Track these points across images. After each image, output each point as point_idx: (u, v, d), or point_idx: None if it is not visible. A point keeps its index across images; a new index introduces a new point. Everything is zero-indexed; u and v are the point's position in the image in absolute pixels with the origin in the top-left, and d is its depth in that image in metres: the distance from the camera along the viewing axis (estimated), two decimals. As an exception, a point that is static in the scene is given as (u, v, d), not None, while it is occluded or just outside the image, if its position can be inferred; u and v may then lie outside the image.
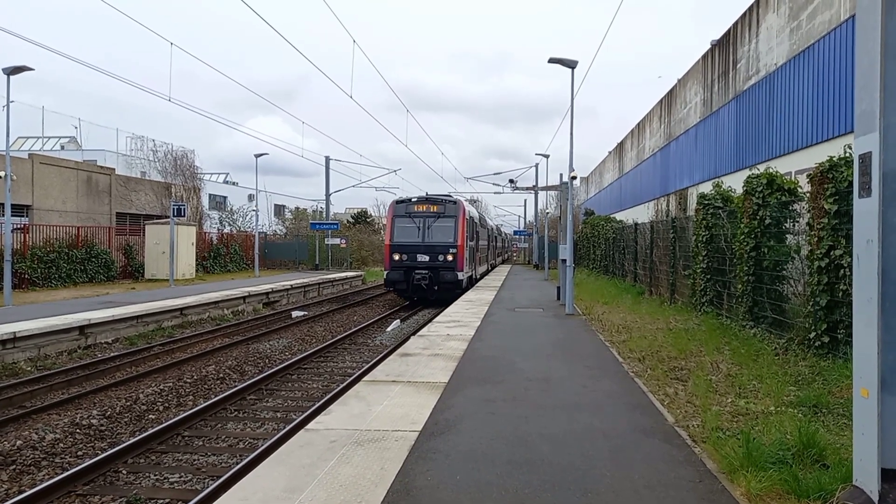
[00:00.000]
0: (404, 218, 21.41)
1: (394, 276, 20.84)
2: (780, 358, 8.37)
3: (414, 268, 20.61)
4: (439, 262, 20.66)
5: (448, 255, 20.71)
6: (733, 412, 6.07)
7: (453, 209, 21.49)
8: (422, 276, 20.42)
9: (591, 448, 5.01)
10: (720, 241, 12.57)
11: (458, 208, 21.58)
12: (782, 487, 4.11)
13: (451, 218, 21.25)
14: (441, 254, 20.76)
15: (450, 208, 21.52)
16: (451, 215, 21.28)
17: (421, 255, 20.78)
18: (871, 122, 3.61)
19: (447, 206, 21.60)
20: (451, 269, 20.66)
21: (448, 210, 21.45)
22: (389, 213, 22.12)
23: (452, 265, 20.69)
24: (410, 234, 21.11)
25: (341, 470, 4.49)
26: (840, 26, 13.82)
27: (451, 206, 21.64)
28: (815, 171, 8.31)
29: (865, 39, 3.67)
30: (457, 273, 20.73)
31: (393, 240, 21.23)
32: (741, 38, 20.19)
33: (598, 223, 33.13)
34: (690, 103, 26.07)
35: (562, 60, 14.94)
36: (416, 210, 21.41)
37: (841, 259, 7.67)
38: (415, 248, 20.82)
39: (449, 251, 20.75)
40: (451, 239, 20.94)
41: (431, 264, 20.64)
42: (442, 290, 20.68)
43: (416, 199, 21.89)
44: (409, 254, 20.79)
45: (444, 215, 21.27)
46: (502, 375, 7.79)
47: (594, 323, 13.05)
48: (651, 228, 19.42)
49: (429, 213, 21.31)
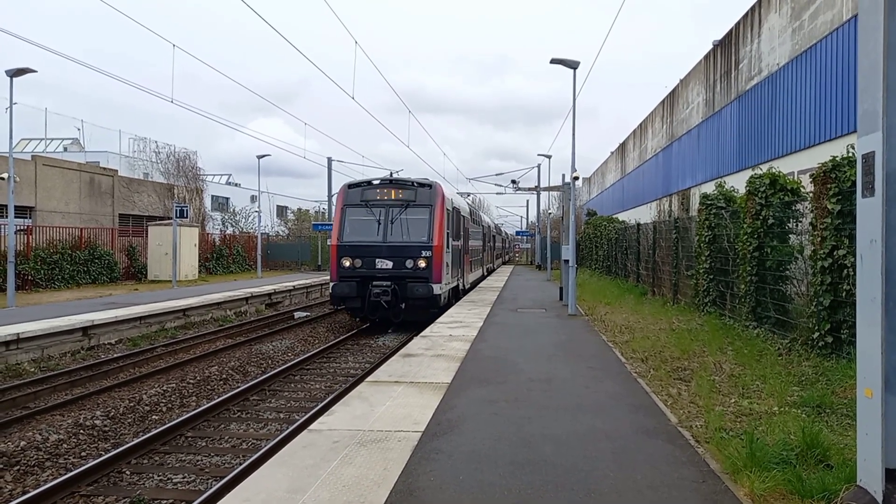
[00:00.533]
0: (359, 208, 15.77)
1: (343, 289, 15.11)
2: (783, 358, 8.36)
3: (371, 278, 15.05)
4: (407, 269, 15.16)
5: (419, 260, 15.14)
6: (737, 412, 6.06)
7: (427, 196, 15.83)
8: (382, 289, 14.79)
9: (593, 449, 5.00)
10: (723, 241, 12.56)
11: (433, 195, 15.90)
12: (786, 488, 4.10)
13: (425, 208, 15.65)
14: (410, 258, 15.20)
15: (423, 195, 15.84)
16: (425, 204, 15.67)
17: (381, 259, 15.20)
18: (873, 122, 3.61)
19: (419, 191, 15.88)
20: (423, 280, 15.13)
21: (420, 197, 15.81)
22: (338, 202, 16.22)
23: (425, 274, 15.13)
24: (367, 231, 15.54)
25: (344, 470, 4.50)
26: (842, 26, 13.80)
27: (425, 191, 15.89)
28: (817, 171, 8.30)
29: (867, 40, 3.67)
30: (431, 285, 15.11)
31: (342, 238, 15.55)
32: (743, 38, 20.17)
33: (600, 223, 33.11)
34: (693, 103, 26.04)
35: (563, 61, 14.94)
36: (376, 197, 15.79)
37: (844, 259, 7.65)
38: (373, 249, 15.27)
39: (420, 254, 15.17)
40: (423, 237, 15.39)
41: (396, 272, 15.13)
42: (411, 310, 15.37)
43: (375, 182, 16.19)
44: (365, 258, 15.24)
45: (414, 204, 15.69)
46: (505, 376, 7.79)
47: (597, 323, 13.04)
48: (654, 229, 19.40)
49: (393, 200, 15.72)
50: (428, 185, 16.08)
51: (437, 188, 16.09)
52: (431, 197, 15.89)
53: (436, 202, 15.81)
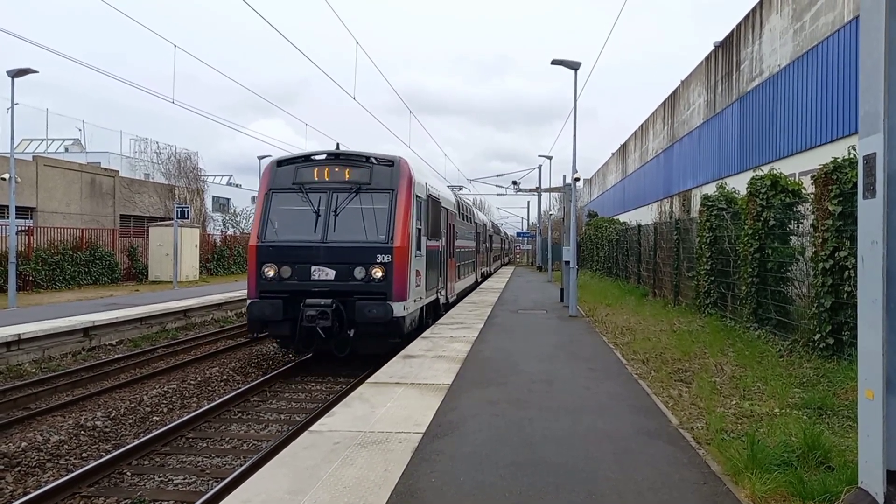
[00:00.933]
0: (290, 194, 11.33)
1: (263, 309, 10.61)
2: (784, 360, 8.35)
3: (304, 293, 10.64)
4: (356, 281, 10.67)
5: (374, 268, 10.67)
6: (738, 414, 6.06)
7: (387, 177, 11.30)
8: (319, 310, 10.32)
9: (594, 450, 5.00)
10: (724, 242, 12.55)
11: (397, 175, 11.29)
12: (787, 490, 4.10)
13: (384, 194, 11.17)
14: (360, 264, 10.72)
15: (381, 176, 11.31)
16: (384, 188, 11.19)
17: (320, 267, 10.76)
18: (875, 124, 3.61)
19: (376, 171, 11.33)
20: (378, 297, 10.59)
21: (378, 178, 11.28)
22: (262, 184, 11.76)
23: (382, 288, 10.64)
24: (299, 227, 11.11)
25: (345, 472, 4.50)
26: (843, 28, 13.79)
27: (384, 171, 11.35)
28: (819, 173, 8.30)
29: (869, 41, 3.67)
30: (391, 305, 10.55)
31: (264, 236, 11.09)
32: (744, 39, 20.17)
33: (601, 225, 33.11)
34: (694, 105, 26.04)
35: (565, 62, 14.95)
36: (314, 178, 11.33)
37: (845, 260, 7.65)
38: (307, 252, 10.83)
39: (375, 259, 10.71)
40: (381, 235, 10.88)
41: (340, 286, 10.69)
42: (363, 339, 10.78)
43: (315, 157, 11.65)
44: (297, 264, 10.81)
45: (369, 188, 11.19)
46: (506, 377, 7.79)
47: (597, 325, 13.04)
48: (654, 230, 19.40)
49: (339, 184, 11.23)
50: (388, 162, 11.31)
51: (401, 166, 11.28)
52: (394, 178, 11.14)
53: (399, 185, 11.08)
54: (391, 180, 11.20)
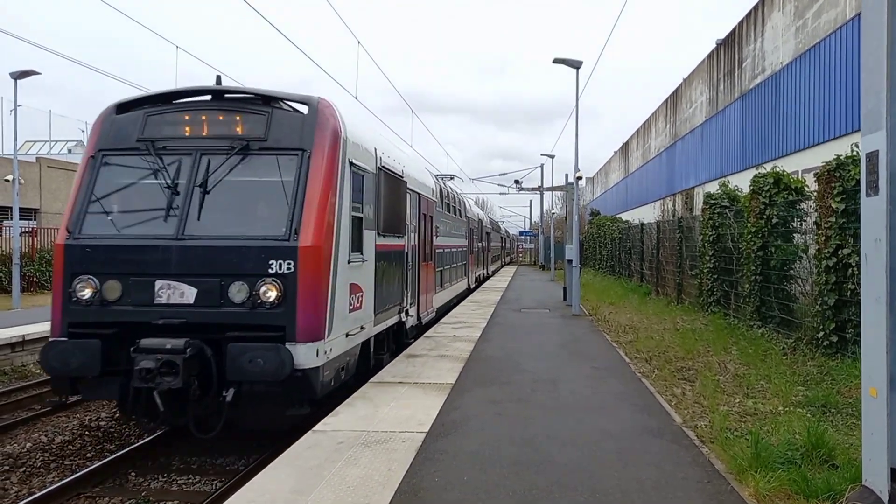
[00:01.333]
0: (129, 157, 6.69)
1: (68, 356, 5.84)
2: (788, 358, 8.34)
3: (142, 326, 5.91)
4: (231, 308, 5.96)
5: (263, 285, 5.91)
6: (741, 412, 6.05)
7: (294, 130, 6.58)
8: (161, 359, 5.53)
9: (598, 449, 5.00)
10: (727, 240, 12.53)
11: (311, 126, 6.58)
12: (791, 488, 4.10)
13: (290, 156, 6.45)
14: (238, 277, 5.97)
15: (283, 127, 6.59)
16: (288, 149, 6.48)
17: (170, 281, 6.03)
18: (877, 121, 3.60)
19: (275, 120, 6.61)
20: (269, 336, 5.85)
21: (278, 132, 6.55)
22: (89, 144, 7.16)
23: (276, 319, 5.93)
24: (141, 214, 6.57)
25: (349, 471, 4.50)
26: (846, 25, 13.75)
27: (289, 120, 6.70)
28: (822, 170, 8.29)
29: (871, 38, 3.66)
30: (288, 351, 5.72)
31: (77, 230, 6.35)
32: (746, 36, 20.12)
33: (603, 223, 33.09)
34: (696, 102, 26.00)
35: (566, 61, 14.93)
36: (173, 133, 6.63)
37: (849, 258, 7.64)
38: (149, 257, 6.14)
39: (266, 270, 5.96)
40: (278, 228, 6.12)
41: (203, 315, 6.03)
42: (244, 408, 6.11)
43: (178, 97, 6.98)
44: (131, 278, 6.07)
45: (262, 148, 6.51)
46: (509, 376, 7.79)
47: (601, 323, 13.03)
48: (657, 228, 19.37)
49: (211, 140, 6.59)
50: (298, 107, 6.91)
51: (321, 112, 6.69)
52: (306, 132, 6.56)
53: (317, 144, 6.49)
54: (302, 135, 6.47)
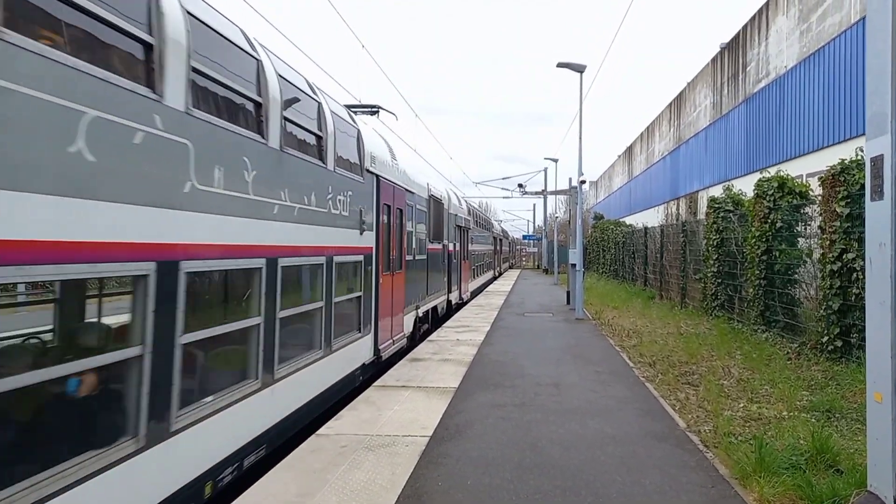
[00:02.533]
0: None
1: None
2: (792, 362, 8.31)
3: None
4: None
5: None
6: (745, 417, 6.03)
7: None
8: None
9: (601, 453, 4.99)
10: (731, 244, 12.50)
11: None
12: (796, 493, 4.08)
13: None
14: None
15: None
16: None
17: None
18: (882, 125, 3.59)
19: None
20: None
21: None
22: None
23: None
24: None
25: (352, 475, 4.50)
26: (850, 28, 13.74)
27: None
28: (826, 174, 8.27)
29: (876, 42, 3.66)
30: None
31: None
32: (751, 40, 20.12)
33: (607, 227, 33.03)
34: (700, 106, 25.99)
35: (570, 65, 14.95)
36: None
37: (853, 262, 7.61)
38: None
39: None
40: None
41: None
42: None
43: None
44: None
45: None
46: (512, 380, 7.78)
47: (604, 327, 13.00)
48: (661, 232, 19.34)
49: None
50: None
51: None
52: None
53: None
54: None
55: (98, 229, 3.21)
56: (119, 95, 3.36)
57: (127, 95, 3.42)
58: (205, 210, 4.15)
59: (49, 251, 2.91)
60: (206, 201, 4.17)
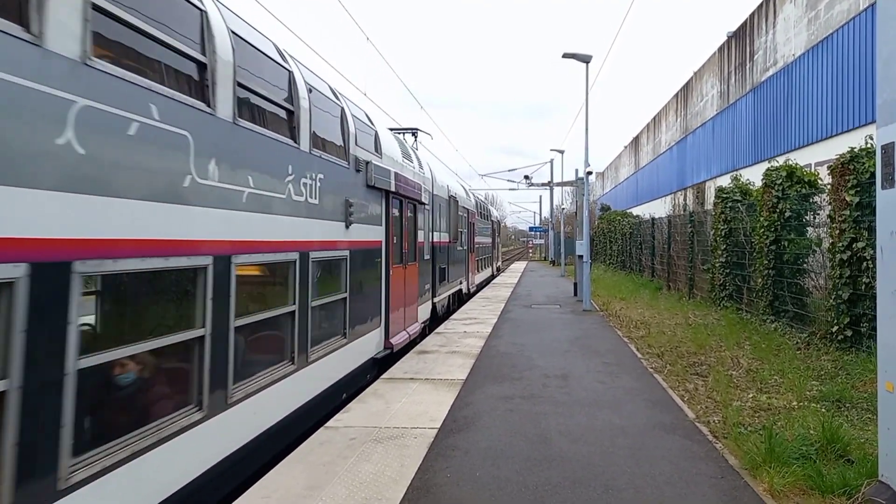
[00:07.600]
0: None
1: None
2: (801, 352, 8.27)
3: None
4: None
5: None
6: (755, 407, 6.01)
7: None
8: None
9: (610, 445, 4.99)
10: (739, 234, 12.44)
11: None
12: (806, 483, 4.07)
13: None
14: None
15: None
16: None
17: None
18: (893, 112, 3.55)
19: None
20: None
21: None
22: None
23: None
24: None
25: (361, 467, 4.52)
26: (859, 15, 13.60)
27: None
28: (835, 163, 8.20)
29: (886, 28, 3.61)
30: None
31: None
32: (758, 29, 19.94)
33: (614, 218, 32.92)
34: (707, 96, 25.81)
35: (576, 55, 14.86)
36: None
37: (863, 251, 7.56)
38: None
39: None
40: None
41: None
42: None
43: None
44: None
45: None
46: (520, 372, 7.78)
47: (612, 319, 12.98)
48: (668, 223, 19.26)
49: None
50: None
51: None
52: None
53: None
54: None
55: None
56: (210, 120, 4.08)
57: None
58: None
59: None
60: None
